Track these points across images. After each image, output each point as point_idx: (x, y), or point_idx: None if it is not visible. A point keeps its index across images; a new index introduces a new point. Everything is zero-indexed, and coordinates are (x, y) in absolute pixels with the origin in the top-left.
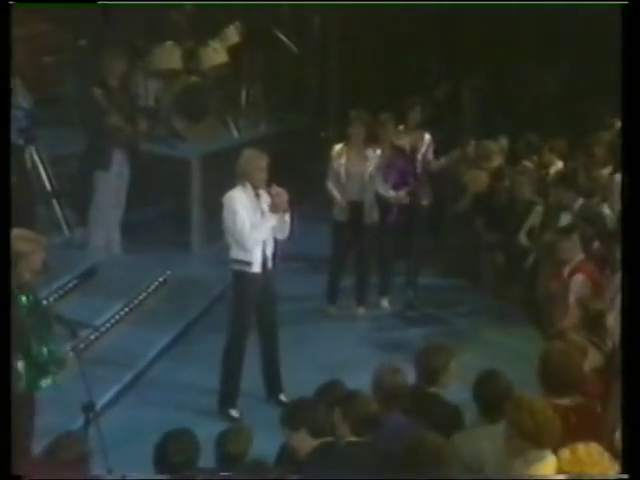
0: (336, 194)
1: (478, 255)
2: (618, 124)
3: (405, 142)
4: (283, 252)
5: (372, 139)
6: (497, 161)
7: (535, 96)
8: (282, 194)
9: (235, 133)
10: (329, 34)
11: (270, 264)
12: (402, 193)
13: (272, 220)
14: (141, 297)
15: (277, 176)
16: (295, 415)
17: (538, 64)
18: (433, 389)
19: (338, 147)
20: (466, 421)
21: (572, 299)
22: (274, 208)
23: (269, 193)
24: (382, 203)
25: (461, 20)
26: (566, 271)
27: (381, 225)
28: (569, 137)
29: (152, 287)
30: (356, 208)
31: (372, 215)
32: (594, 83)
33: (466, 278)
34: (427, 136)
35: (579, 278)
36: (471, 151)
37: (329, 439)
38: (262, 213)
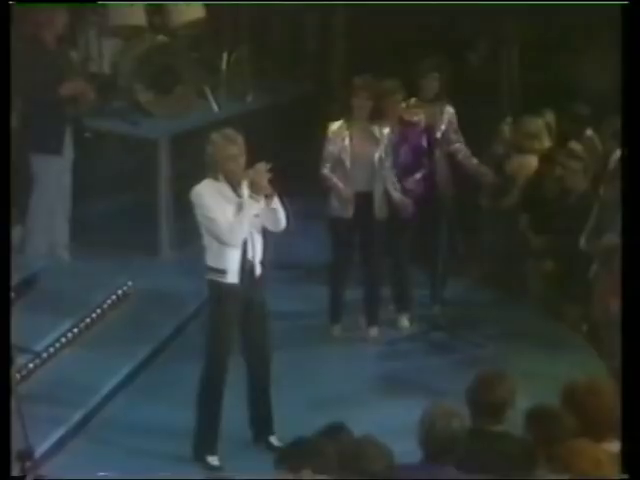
0: (338, 183)
1: (522, 262)
2: None
3: (420, 118)
4: (274, 257)
5: (379, 113)
6: (546, 142)
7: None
8: (261, 171)
9: (214, 107)
10: None
11: (257, 271)
12: (416, 178)
13: (254, 207)
14: (95, 314)
15: (266, 162)
16: (296, 454)
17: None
18: (500, 428)
19: (337, 124)
20: None
21: None
22: (254, 189)
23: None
24: (394, 194)
25: None
26: None
27: (394, 222)
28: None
29: (109, 301)
30: (365, 201)
31: (382, 210)
32: None
33: (507, 291)
34: (450, 110)
35: None
36: (508, 130)
37: None
38: (241, 203)
